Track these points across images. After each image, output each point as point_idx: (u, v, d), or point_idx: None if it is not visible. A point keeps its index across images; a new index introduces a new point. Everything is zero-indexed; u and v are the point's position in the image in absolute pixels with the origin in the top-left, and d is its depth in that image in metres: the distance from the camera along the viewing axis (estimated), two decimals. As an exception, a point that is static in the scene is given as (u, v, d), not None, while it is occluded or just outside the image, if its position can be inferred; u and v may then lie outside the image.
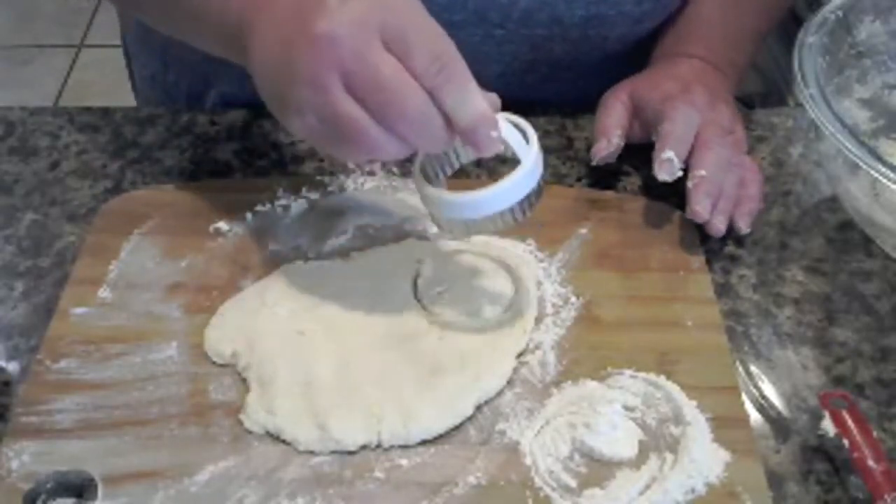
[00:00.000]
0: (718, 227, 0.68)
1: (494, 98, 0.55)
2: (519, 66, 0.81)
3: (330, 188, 0.73)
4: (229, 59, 0.63)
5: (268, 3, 0.56)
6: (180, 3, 0.64)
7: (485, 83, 0.81)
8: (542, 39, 0.78)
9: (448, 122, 0.53)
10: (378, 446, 0.57)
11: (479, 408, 0.59)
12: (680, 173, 0.68)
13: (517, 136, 0.57)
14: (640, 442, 0.57)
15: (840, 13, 0.74)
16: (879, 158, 0.62)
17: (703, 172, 0.67)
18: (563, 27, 0.76)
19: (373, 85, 0.51)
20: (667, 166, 0.67)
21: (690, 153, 0.68)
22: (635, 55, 0.80)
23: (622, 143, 0.72)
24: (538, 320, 0.64)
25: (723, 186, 0.68)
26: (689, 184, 0.68)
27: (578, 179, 0.76)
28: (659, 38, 0.80)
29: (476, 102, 0.53)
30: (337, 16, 0.51)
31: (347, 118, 0.52)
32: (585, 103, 0.78)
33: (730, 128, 0.72)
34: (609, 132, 0.72)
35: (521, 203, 0.58)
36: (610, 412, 0.58)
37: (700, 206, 0.67)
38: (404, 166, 0.76)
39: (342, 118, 0.52)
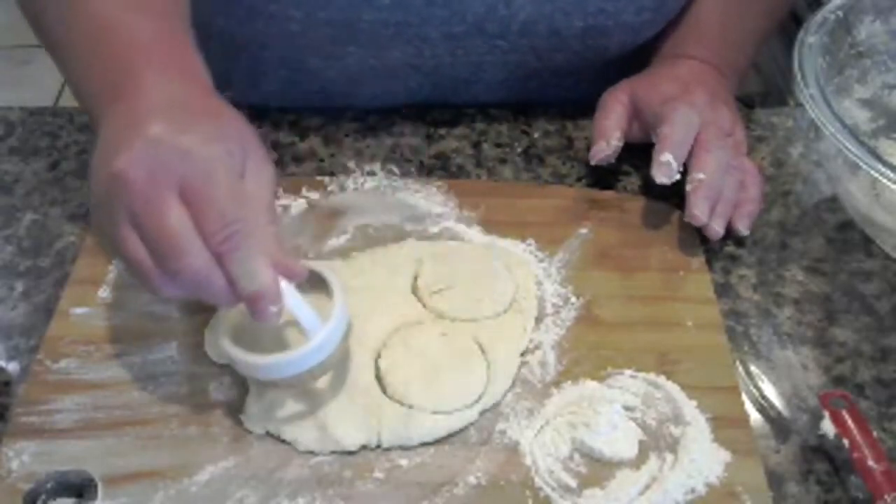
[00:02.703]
0: (716, 230, 0.68)
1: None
2: (522, 73, 0.81)
3: (330, 188, 0.73)
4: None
5: (113, 102, 0.54)
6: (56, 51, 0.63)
7: (488, 89, 0.82)
8: (543, 50, 0.78)
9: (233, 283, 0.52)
10: (378, 446, 0.57)
11: (479, 408, 0.59)
12: (678, 176, 0.67)
13: (308, 309, 0.54)
14: (640, 442, 0.57)
15: (840, 13, 0.74)
16: (879, 158, 0.62)
17: (701, 176, 0.67)
18: (562, 38, 0.76)
19: (156, 234, 0.50)
20: (664, 170, 0.67)
21: (690, 155, 0.68)
22: (636, 60, 0.80)
23: (621, 145, 0.72)
24: (538, 320, 0.64)
25: (722, 189, 0.68)
26: (688, 187, 0.67)
27: (578, 179, 0.76)
28: (659, 39, 0.80)
29: (260, 275, 0.51)
30: (137, 157, 0.50)
31: (132, 258, 0.51)
32: (586, 104, 0.77)
33: (730, 130, 0.71)
34: (608, 134, 0.72)
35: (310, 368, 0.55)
36: (610, 412, 0.58)
37: (698, 210, 0.67)
38: (403, 166, 0.76)
39: (127, 256, 0.51)
